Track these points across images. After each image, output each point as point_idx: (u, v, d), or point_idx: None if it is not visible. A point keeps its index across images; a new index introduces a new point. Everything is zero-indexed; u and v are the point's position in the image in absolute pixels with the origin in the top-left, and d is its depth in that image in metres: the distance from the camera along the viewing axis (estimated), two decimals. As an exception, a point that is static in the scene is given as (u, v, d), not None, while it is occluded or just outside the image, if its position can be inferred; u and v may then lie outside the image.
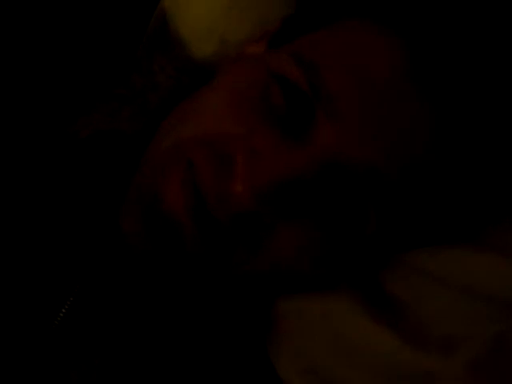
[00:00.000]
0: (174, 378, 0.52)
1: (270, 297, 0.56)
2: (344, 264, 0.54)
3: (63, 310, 0.52)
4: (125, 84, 0.66)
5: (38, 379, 0.51)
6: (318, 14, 0.57)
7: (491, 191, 0.54)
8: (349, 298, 0.54)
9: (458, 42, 0.51)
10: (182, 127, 0.54)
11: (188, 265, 0.51)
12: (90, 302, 0.53)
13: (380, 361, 0.51)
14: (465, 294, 0.52)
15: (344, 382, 0.52)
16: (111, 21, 0.71)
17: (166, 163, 0.52)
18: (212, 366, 0.53)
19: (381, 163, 0.50)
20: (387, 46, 0.51)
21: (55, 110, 0.63)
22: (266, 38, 0.60)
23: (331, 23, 0.55)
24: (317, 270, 0.54)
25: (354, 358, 0.52)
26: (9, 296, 0.52)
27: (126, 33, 0.71)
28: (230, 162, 0.50)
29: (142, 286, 0.54)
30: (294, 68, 0.51)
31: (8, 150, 0.57)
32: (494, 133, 0.52)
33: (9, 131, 0.59)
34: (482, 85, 0.51)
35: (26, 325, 0.52)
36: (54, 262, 0.54)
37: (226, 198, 0.49)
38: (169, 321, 0.54)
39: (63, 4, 0.70)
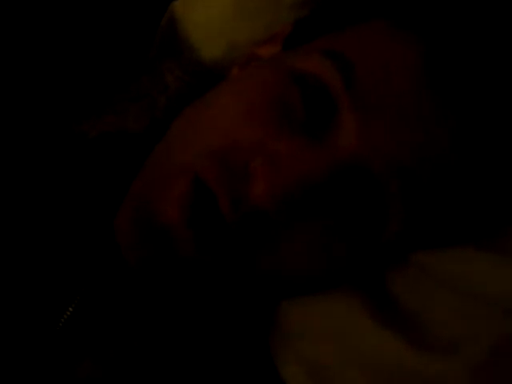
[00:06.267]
0: (176, 379, 0.52)
1: (275, 298, 0.56)
2: (355, 266, 0.54)
3: (68, 312, 0.52)
4: (134, 85, 0.66)
5: (42, 379, 0.51)
6: (343, 15, 0.57)
7: (506, 194, 0.54)
8: (353, 299, 0.54)
9: (472, 48, 0.52)
10: (191, 137, 0.53)
11: (184, 270, 0.51)
12: (94, 304, 0.53)
13: (383, 362, 0.51)
14: (469, 297, 0.51)
15: (346, 383, 0.52)
16: (122, 22, 0.71)
17: (171, 176, 0.51)
18: (214, 367, 0.53)
19: (407, 162, 0.49)
20: (408, 50, 0.51)
21: (64, 109, 0.63)
22: (279, 38, 0.60)
23: (357, 23, 0.55)
24: (328, 272, 0.53)
25: (357, 360, 0.52)
26: (13, 299, 0.52)
27: (137, 34, 0.72)
28: (246, 169, 0.49)
29: (144, 288, 0.54)
30: (327, 64, 0.51)
31: (14, 150, 0.58)
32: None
33: (16, 131, 0.59)
34: (495, 86, 0.51)
35: (31, 326, 0.52)
36: (59, 264, 0.54)
37: (243, 200, 0.49)
38: (171, 322, 0.54)
39: (76, 5, 0.70)
